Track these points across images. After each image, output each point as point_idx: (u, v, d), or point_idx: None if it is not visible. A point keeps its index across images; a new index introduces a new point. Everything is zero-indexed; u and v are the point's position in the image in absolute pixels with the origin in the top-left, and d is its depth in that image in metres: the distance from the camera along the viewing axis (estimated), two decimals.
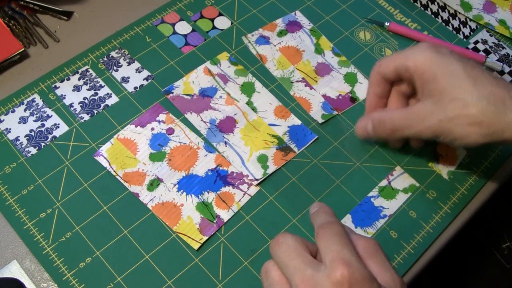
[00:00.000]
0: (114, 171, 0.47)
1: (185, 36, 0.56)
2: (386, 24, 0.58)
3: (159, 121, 0.50)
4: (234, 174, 0.48)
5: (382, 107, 0.48)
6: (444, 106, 0.42)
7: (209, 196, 0.46)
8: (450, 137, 0.42)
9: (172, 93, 0.52)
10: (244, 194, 0.47)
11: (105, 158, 0.48)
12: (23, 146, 0.48)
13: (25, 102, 0.50)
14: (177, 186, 0.47)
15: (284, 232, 0.38)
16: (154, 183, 0.46)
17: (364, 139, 0.50)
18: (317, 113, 0.52)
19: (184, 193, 0.46)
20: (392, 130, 0.45)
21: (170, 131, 0.49)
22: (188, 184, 0.47)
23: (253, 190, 0.47)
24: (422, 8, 0.61)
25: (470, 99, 0.41)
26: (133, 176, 0.47)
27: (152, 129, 0.49)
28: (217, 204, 0.46)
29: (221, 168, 0.48)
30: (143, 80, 0.52)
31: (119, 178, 0.47)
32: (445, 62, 0.42)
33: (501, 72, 0.57)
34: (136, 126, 0.49)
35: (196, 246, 0.44)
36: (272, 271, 0.37)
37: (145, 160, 0.48)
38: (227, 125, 0.50)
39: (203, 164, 0.48)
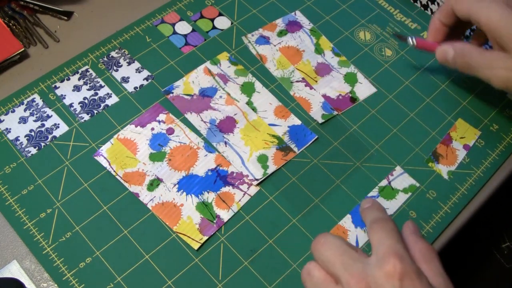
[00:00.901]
0: (114, 171, 0.47)
1: (185, 36, 0.56)
2: (411, 41, 0.53)
3: (159, 121, 0.50)
4: (234, 174, 0.48)
5: (443, 34, 0.51)
6: None
7: (209, 196, 0.46)
8: None
9: (172, 93, 0.52)
10: (244, 194, 0.47)
11: (105, 158, 0.48)
12: (23, 146, 0.48)
13: (25, 102, 0.50)
14: (177, 186, 0.47)
15: (323, 233, 0.39)
16: (154, 183, 0.46)
17: (442, 63, 0.51)
18: (317, 113, 0.52)
19: (184, 193, 0.46)
20: (469, 65, 0.48)
21: (170, 131, 0.49)
22: (188, 184, 0.47)
23: (253, 190, 0.47)
24: (422, 8, 0.61)
25: None
26: (133, 176, 0.47)
27: (152, 129, 0.49)
28: (217, 204, 0.46)
29: (221, 168, 0.48)
30: (143, 80, 0.52)
31: (119, 178, 0.47)
32: None
33: None
34: (136, 126, 0.49)
35: (196, 246, 0.44)
36: (315, 271, 0.38)
37: (145, 160, 0.48)
38: (227, 125, 0.50)
39: (203, 164, 0.48)
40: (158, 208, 0.45)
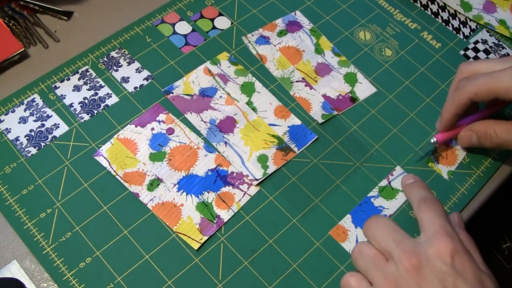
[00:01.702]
0: (114, 171, 0.47)
1: (185, 36, 0.56)
2: (433, 142, 0.49)
3: (159, 121, 0.50)
4: (234, 174, 0.48)
5: (456, 122, 0.48)
6: None
7: (209, 196, 0.46)
8: None
9: (172, 93, 0.52)
10: (244, 194, 0.47)
11: (105, 158, 0.48)
12: (23, 146, 0.48)
13: (25, 102, 0.50)
14: (177, 186, 0.47)
15: (376, 214, 0.42)
16: (154, 183, 0.46)
17: (469, 147, 0.50)
18: (317, 113, 0.52)
19: (184, 193, 0.46)
20: (498, 144, 0.46)
21: (170, 131, 0.49)
22: (188, 184, 0.47)
23: (253, 190, 0.47)
24: (422, 8, 0.61)
25: None
26: (133, 176, 0.47)
27: (152, 129, 0.49)
28: (217, 204, 0.46)
29: (221, 168, 0.48)
30: (143, 80, 0.52)
31: (119, 178, 0.47)
32: None
33: None
34: (136, 126, 0.49)
35: (196, 246, 0.44)
36: (367, 249, 0.39)
37: (145, 160, 0.48)
38: (227, 125, 0.50)
39: (203, 164, 0.48)
40: (158, 208, 0.45)
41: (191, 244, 0.44)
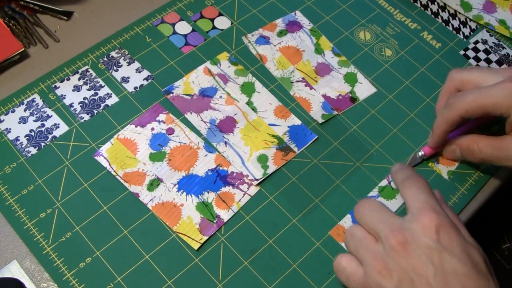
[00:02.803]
0: (114, 171, 0.47)
1: (185, 36, 0.56)
2: (419, 154, 0.49)
3: (159, 121, 0.50)
4: (234, 174, 0.48)
5: (446, 137, 0.48)
6: None
7: (209, 196, 0.46)
8: None
9: (172, 93, 0.52)
10: (244, 194, 0.47)
11: (105, 158, 0.47)
12: (23, 146, 0.48)
13: (25, 102, 0.50)
14: (177, 186, 0.47)
15: (364, 199, 0.42)
16: (154, 183, 0.46)
17: (454, 160, 0.50)
18: (317, 113, 0.52)
19: (184, 193, 0.46)
20: (481, 159, 0.46)
21: (170, 131, 0.49)
22: (188, 184, 0.47)
23: (253, 190, 0.47)
24: (422, 8, 0.61)
25: None
26: (133, 176, 0.47)
27: (152, 129, 0.49)
28: (217, 204, 0.46)
29: (221, 168, 0.48)
30: (143, 80, 0.52)
31: (119, 178, 0.47)
32: None
33: None
34: (136, 126, 0.49)
35: (196, 246, 0.44)
36: (357, 231, 0.41)
37: (145, 160, 0.48)
38: (227, 125, 0.50)
39: (203, 164, 0.48)
40: (158, 208, 0.45)
41: (191, 244, 0.44)
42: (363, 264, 0.39)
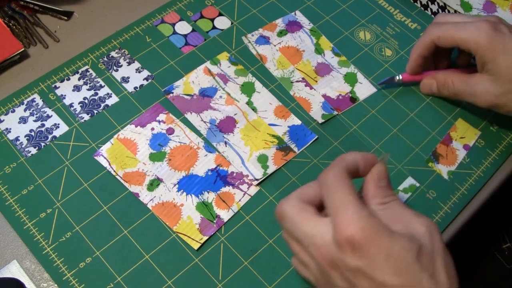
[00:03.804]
0: (114, 171, 0.47)
1: (185, 36, 0.56)
2: (398, 78, 0.53)
3: (159, 121, 0.50)
4: (234, 174, 0.48)
5: (423, 66, 0.52)
6: (501, 85, 0.46)
7: (209, 196, 0.46)
8: (504, 109, 0.47)
9: (172, 93, 0.52)
10: (244, 194, 0.47)
11: (105, 158, 0.47)
12: (23, 146, 0.48)
13: (25, 102, 0.50)
14: (177, 186, 0.47)
15: (281, 202, 0.37)
16: (154, 183, 0.46)
17: (428, 94, 0.54)
18: (317, 113, 0.52)
19: (184, 193, 0.46)
20: (453, 93, 0.50)
21: (170, 131, 0.49)
22: (188, 184, 0.47)
23: (253, 190, 0.47)
24: (422, 8, 0.61)
25: None
26: (133, 176, 0.47)
27: (152, 129, 0.49)
28: (217, 204, 0.46)
29: (221, 168, 0.48)
30: (143, 80, 0.52)
31: (119, 178, 0.47)
32: (505, 43, 0.45)
33: None
34: (136, 126, 0.49)
35: (196, 246, 0.44)
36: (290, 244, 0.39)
37: (145, 160, 0.48)
38: (227, 125, 0.50)
39: (203, 164, 0.48)
40: (158, 208, 0.45)
41: (191, 244, 0.44)
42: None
